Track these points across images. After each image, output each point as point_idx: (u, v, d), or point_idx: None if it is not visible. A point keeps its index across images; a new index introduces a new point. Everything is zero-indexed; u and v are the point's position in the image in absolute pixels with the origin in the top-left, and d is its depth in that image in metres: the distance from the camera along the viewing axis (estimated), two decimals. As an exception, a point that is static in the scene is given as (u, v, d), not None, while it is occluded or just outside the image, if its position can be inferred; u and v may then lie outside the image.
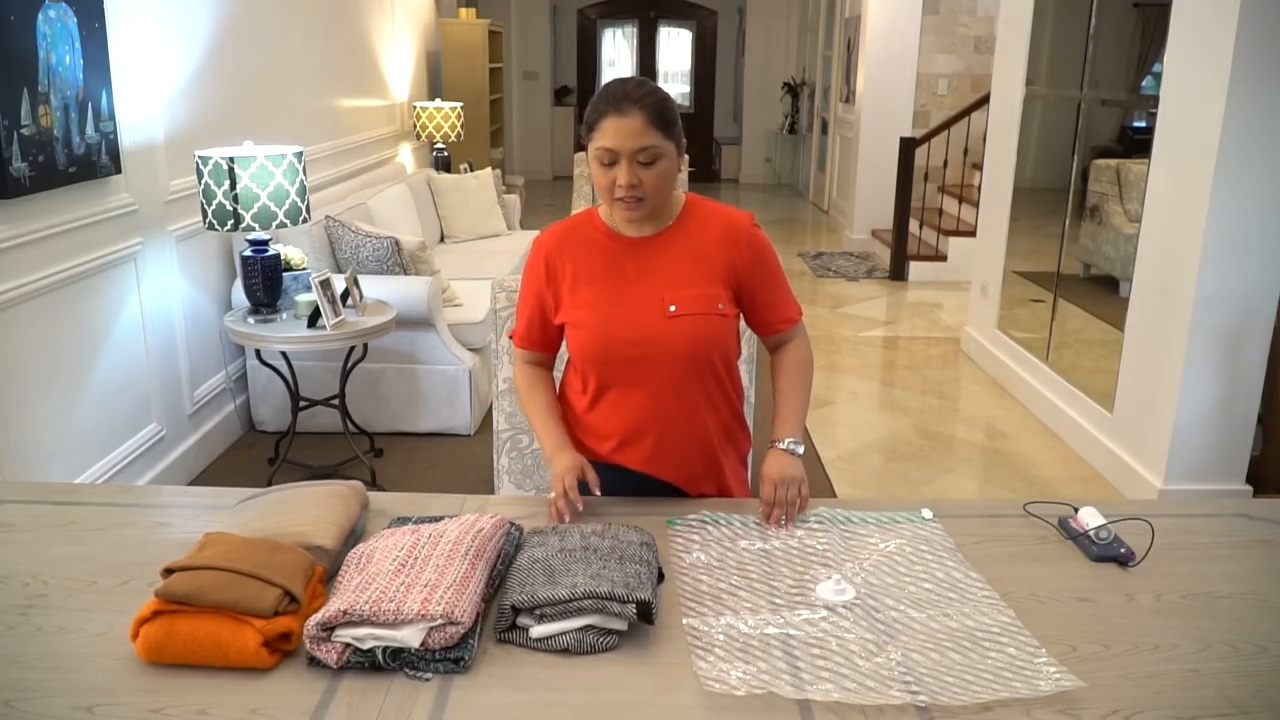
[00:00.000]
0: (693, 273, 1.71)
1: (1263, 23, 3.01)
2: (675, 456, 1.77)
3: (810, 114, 11.16)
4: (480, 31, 8.07)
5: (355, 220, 4.31)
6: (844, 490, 3.69)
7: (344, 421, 3.61)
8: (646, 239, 1.74)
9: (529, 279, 1.80)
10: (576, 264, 1.75)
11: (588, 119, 1.66)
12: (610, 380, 1.74)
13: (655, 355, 1.69)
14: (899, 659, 1.23)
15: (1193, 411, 3.35)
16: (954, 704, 1.15)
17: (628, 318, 1.70)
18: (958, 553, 1.51)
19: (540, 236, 1.81)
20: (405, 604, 1.22)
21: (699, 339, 1.70)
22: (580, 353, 1.74)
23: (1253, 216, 3.18)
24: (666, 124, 1.63)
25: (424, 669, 1.21)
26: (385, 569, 1.30)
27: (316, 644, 1.21)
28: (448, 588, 1.25)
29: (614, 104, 1.61)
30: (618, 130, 1.60)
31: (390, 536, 1.39)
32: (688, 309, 1.69)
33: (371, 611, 1.20)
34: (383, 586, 1.26)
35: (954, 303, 6.51)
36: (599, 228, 1.76)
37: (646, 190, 1.63)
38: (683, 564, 1.47)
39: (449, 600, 1.23)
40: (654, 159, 1.62)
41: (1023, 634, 1.29)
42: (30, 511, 1.62)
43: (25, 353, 2.73)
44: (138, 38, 3.25)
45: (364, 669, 1.21)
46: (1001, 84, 5.04)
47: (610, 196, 1.65)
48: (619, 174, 1.62)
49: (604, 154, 1.62)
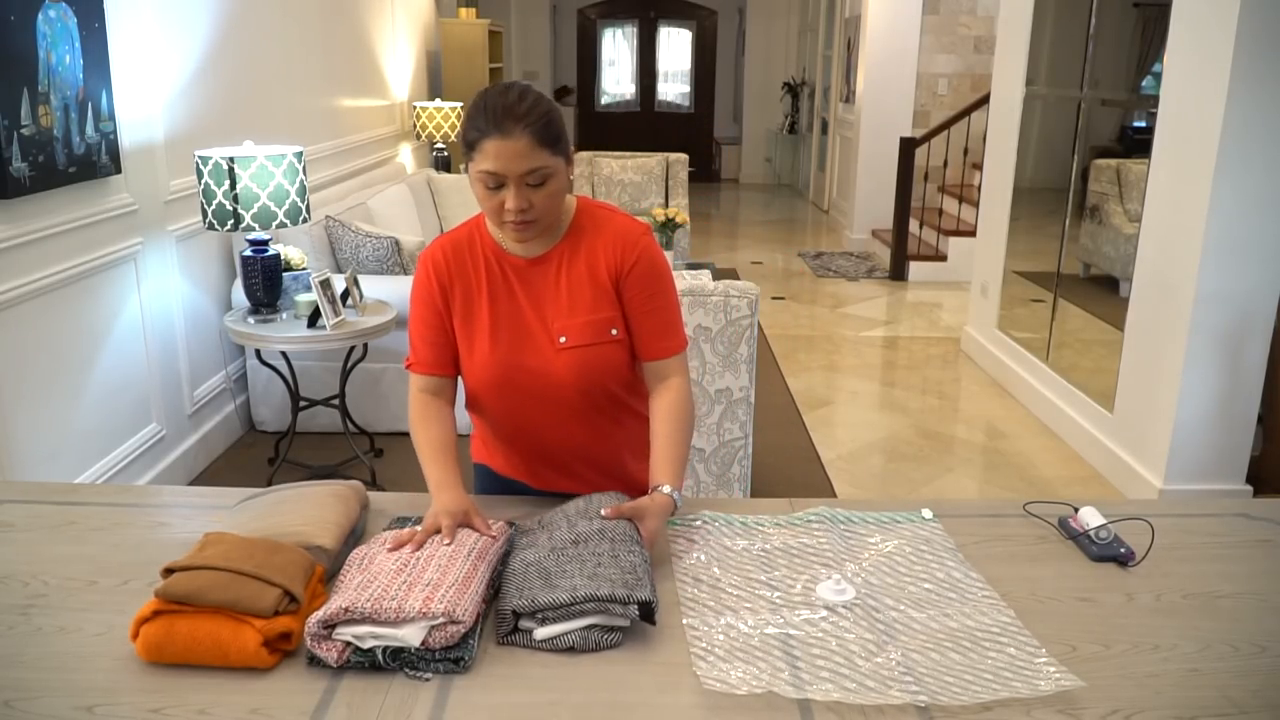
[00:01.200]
0: (582, 297, 1.61)
1: (1263, 23, 3.01)
2: (589, 477, 1.70)
3: (810, 114, 11.16)
4: (480, 31, 8.07)
5: (355, 220, 4.31)
6: (844, 490, 3.69)
7: (344, 421, 3.61)
8: (535, 260, 1.62)
9: (420, 297, 1.65)
10: (466, 282, 1.63)
11: (466, 136, 1.50)
12: (508, 406, 1.66)
13: (550, 388, 1.61)
14: (899, 659, 1.23)
15: (1193, 411, 3.35)
16: (954, 704, 1.15)
17: (520, 348, 1.61)
18: (958, 553, 1.51)
19: (425, 252, 1.67)
20: (407, 602, 1.21)
21: (591, 370, 1.61)
22: (475, 379, 1.64)
23: (1253, 216, 3.19)
24: (554, 140, 1.49)
25: (424, 669, 1.20)
26: (387, 568, 1.30)
27: (317, 642, 1.20)
28: (449, 587, 1.25)
29: (496, 123, 1.45)
30: (501, 153, 1.45)
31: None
32: (578, 339, 1.60)
33: (373, 609, 1.20)
34: (384, 585, 1.25)
35: (954, 303, 6.51)
36: (487, 244, 1.64)
37: (537, 212, 1.52)
38: (682, 564, 1.47)
39: (451, 599, 1.23)
40: (544, 180, 1.50)
41: (1023, 634, 1.29)
42: (30, 511, 1.62)
43: (25, 353, 2.73)
44: (138, 38, 3.25)
45: (364, 669, 1.21)
46: (1001, 84, 5.04)
47: (499, 220, 1.53)
48: (507, 198, 1.48)
49: (488, 178, 1.48)
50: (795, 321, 6.11)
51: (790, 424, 4.35)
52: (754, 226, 9.67)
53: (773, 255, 8.23)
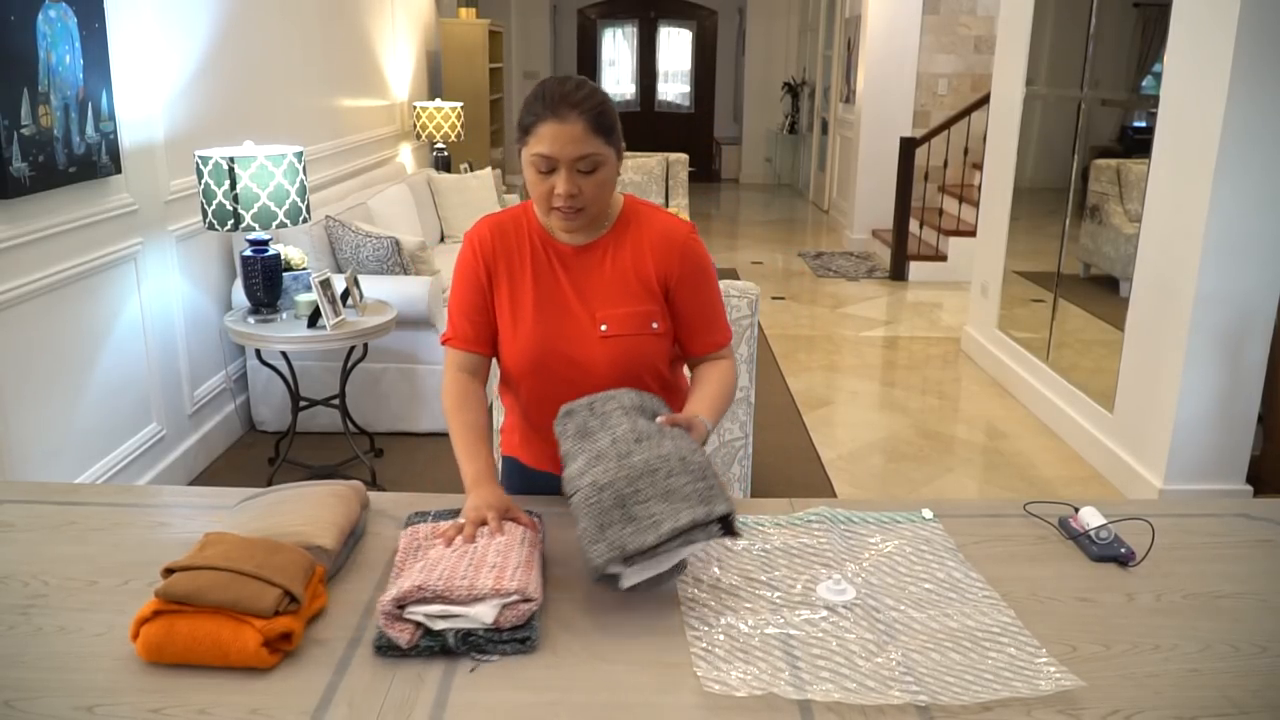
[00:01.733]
0: (626, 288, 1.64)
1: (1263, 23, 3.01)
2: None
3: (810, 114, 11.16)
4: (480, 31, 8.07)
5: (355, 220, 4.31)
6: (844, 490, 3.69)
7: (344, 421, 3.61)
8: (581, 249, 1.66)
9: (464, 272, 1.68)
10: (511, 261, 1.66)
11: (522, 121, 1.55)
12: (542, 390, 1.67)
13: (586, 376, 1.62)
14: (899, 659, 1.23)
15: (1193, 411, 3.35)
16: (954, 704, 1.15)
17: (560, 333, 1.63)
18: (958, 553, 1.51)
19: (471, 231, 1.71)
20: (478, 581, 1.23)
21: (630, 361, 1.63)
22: (513, 361, 1.66)
23: (1253, 216, 3.19)
24: (607, 130, 1.54)
25: (491, 651, 1.22)
26: (447, 553, 1.32)
27: (390, 621, 1.21)
28: (515, 568, 1.28)
29: (552, 108, 1.51)
30: (556, 137, 1.51)
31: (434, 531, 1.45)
32: (619, 329, 1.63)
33: (445, 587, 1.22)
34: (451, 565, 1.27)
35: (954, 303, 6.51)
36: (534, 228, 1.68)
37: (586, 199, 1.55)
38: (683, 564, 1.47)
39: (520, 578, 1.25)
40: (594, 167, 1.54)
41: (1023, 634, 1.29)
42: (30, 511, 1.62)
43: (25, 353, 2.73)
44: (138, 38, 3.25)
45: (433, 653, 1.22)
46: (1001, 84, 5.04)
47: (547, 206, 1.57)
48: (557, 183, 1.53)
49: (541, 161, 1.53)
50: (795, 321, 6.11)
51: (790, 424, 4.35)
52: (754, 226, 9.67)
53: (773, 255, 8.23)
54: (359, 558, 1.48)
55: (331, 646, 1.25)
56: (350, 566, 1.46)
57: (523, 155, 1.56)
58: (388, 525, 1.59)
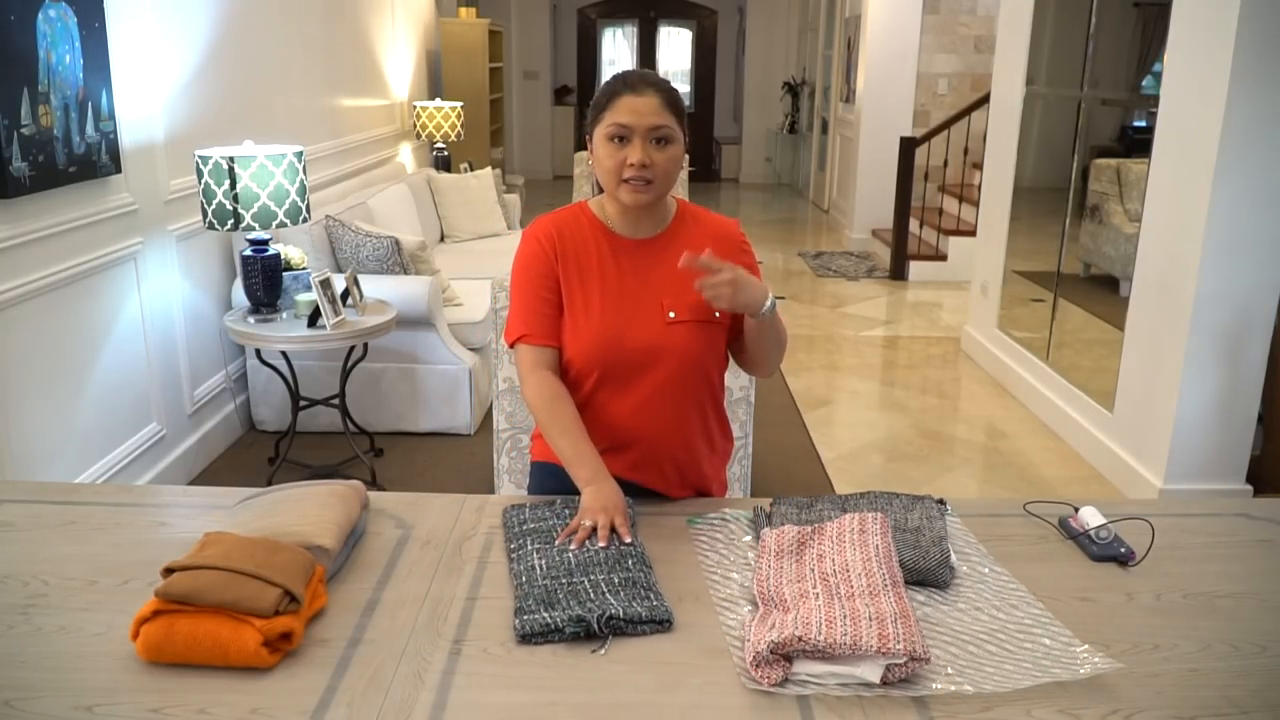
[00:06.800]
0: (691, 277, 1.66)
1: (1262, 23, 3.01)
2: (659, 465, 1.73)
3: (810, 114, 11.16)
4: (480, 31, 8.07)
5: (355, 220, 4.31)
6: (844, 490, 3.68)
7: (344, 421, 3.61)
8: (643, 241, 1.72)
9: (531, 265, 1.71)
10: (575, 255, 1.70)
11: (597, 101, 1.64)
12: (605, 383, 1.70)
13: (654, 362, 1.67)
14: (938, 653, 1.23)
15: (1193, 411, 3.34)
16: (999, 691, 1.15)
17: (629, 321, 1.68)
18: (979, 546, 1.52)
19: (532, 226, 1.75)
20: (861, 638, 1.16)
21: (698, 347, 1.69)
22: (580, 352, 1.69)
23: (1252, 216, 3.18)
24: (679, 111, 1.65)
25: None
26: (809, 592, 1.28)
27: (766, 668, 1.16)
28: (893, 620, 1.20)
29: (630, 85, 1.62)
30: (633, 108, 1.60)
31: (764, 559, 1.39)
32: (687, 315, 1.68)
33: (827, 643, 1.16)
34: (825, 614, 1.21)
35: (954, 302, 6.51)
36: (594, 224, 1.73)
37: (656, 172, 1.61)
38: (709, 562, 1.47)
39: (905, 637, 1.17)
40: (667, 140, 1.62)
41: (1054, 624, 1.30)
42: (30, 511, 1.62)
43: (25, 353, 2.73)
44: (138, 38, 3.25)
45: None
46: (1001, 84, 5.04)
47: (618, 178, 1.62)
48: (631, 152, 1.60)
49: (617, 130, 1.60)
50: (795, 321, 6.11)
51: (790, 424, 4.35)
52: (754, 226, 9.66)
53: (773, 255, 8.22)
54: (359, 558, 1.48)
55: (331, 646, 1.25)
56: (350, 566, 1.46)
57: (595, 136, 1.64)
58: (388, 525, 1.59)
